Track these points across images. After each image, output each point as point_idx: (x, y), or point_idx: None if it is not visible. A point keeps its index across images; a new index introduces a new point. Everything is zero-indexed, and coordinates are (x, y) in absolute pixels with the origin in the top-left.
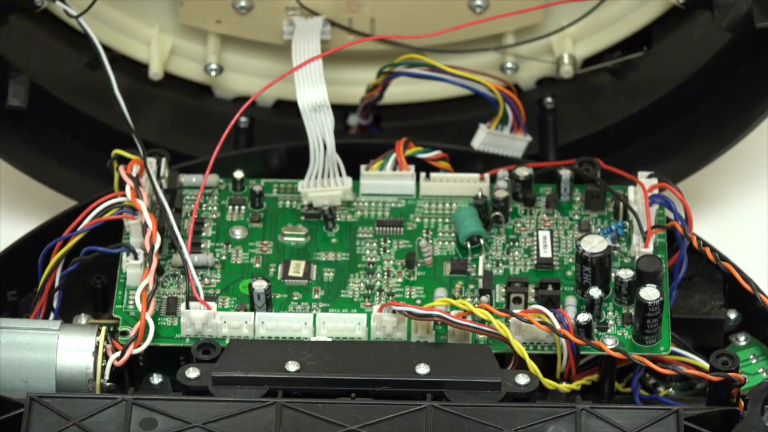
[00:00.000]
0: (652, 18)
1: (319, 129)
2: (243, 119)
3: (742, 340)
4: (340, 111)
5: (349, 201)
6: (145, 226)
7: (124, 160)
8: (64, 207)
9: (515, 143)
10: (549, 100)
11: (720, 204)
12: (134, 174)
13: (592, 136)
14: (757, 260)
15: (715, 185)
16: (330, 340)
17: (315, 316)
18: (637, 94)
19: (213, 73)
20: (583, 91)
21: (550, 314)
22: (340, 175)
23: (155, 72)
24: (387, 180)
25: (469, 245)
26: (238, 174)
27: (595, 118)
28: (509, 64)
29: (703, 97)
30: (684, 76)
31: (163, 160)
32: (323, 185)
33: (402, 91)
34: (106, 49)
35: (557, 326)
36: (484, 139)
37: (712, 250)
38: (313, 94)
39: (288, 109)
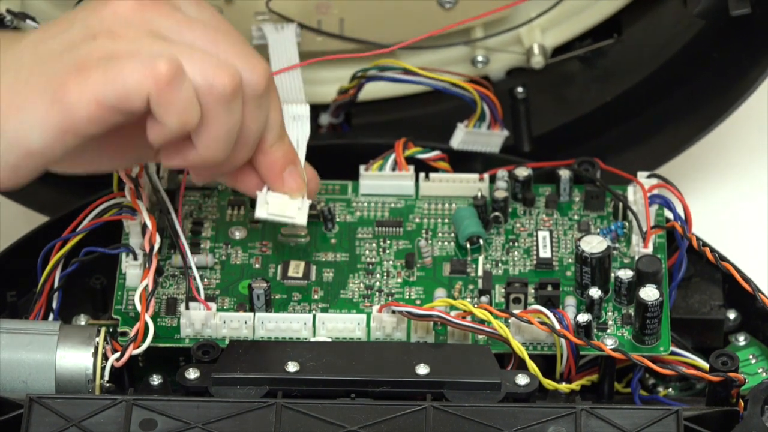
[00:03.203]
0: (621, 5)
1: (294, 136)
2: None
3: (741, 340)
4: (312, 111)
5: (348, 200)
6: (144, 226)
7: None
8: (63, 208)
9: (492, 139)
10: (520, 90)
11: (719, 200)
12: (133, 175)
13: (565, 126)
14: (756, 260)
15: (714, 183)
16: (330, 340)
17: (314, 316)
18: (609, 82)
19: None
20: (554, 80)
21: (550, 314)
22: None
23: None
24: (386, 180)
25: (468, 245)
26: None
27: (567, 107)
28: (480, 58)
29: (677, 82)
30: (656, 63)
31: None
32: (282, 200)
33: (372, 88)
34: None
35: (557, 326)
36: (463, 138)
37: (712, 250)
38: (295, 108)
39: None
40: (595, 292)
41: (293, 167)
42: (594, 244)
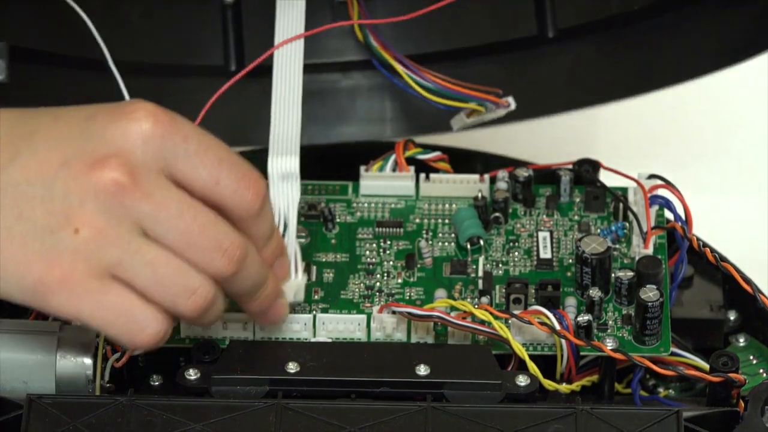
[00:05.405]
0: None
1: (284, 201)
2: None
3: (742, 340)
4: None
5: (349, 201)
6: None
7: None
8: None
9: (497, 111)
10: None
11: (720, 201)
12: None
13: (596, 16)
14: (756, 260)
15: (715, 183)
16: (330, 341)
17: (315, 317)
18: None
19: None
20: None
21: (550, 315)
22: (296, 270)
23: None
24: (386, 181)
25: (468, 246)
26: None
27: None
28: None
29: None
30: None
31: None
32: None
33: None
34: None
35: (557, 327)
36: (462, 125)
37: (712, 250)
38: (286, 162)
39: None
40: (595, 293)
41: (282, 257)
42: (594, 245)
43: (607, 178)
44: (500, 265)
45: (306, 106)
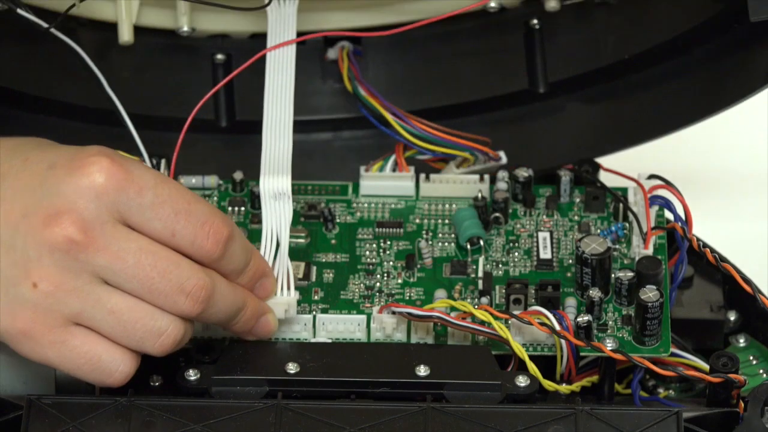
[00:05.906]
0: None
1: (276, 220)
2: (220, 56)
3: (742, 341)
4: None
5: (349, 201)
6: None
7: None
8: None
9: (488, 164)
10: (535, 21)
11: (718, 203)
12: None
13: (586, 68)
14: (756, 260)
15: (715, 183)
16: (330, 341)
17: (315, 317)
18: (630, 35)
19: (185, 35)
20: (571, 24)
21: (550, 315)
22: (288, 287)
23: (125, 40)
24: (386, 181)
25: (468, 246)
26: (238, 175)
27: (585, 54)
28: (492, 4)
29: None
30: (679, 25)
31: (162, 162)
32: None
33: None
34: (72, 17)
35: (557, 327)
36: (453, 176)
37: (712, 251)
38: (278, 181)
39: (265, 42)
40: (595, 293)
41: (265, 278)
42: (594, 245)
43: (606, 179)
44: (500, 266)
45: (296, 162)
